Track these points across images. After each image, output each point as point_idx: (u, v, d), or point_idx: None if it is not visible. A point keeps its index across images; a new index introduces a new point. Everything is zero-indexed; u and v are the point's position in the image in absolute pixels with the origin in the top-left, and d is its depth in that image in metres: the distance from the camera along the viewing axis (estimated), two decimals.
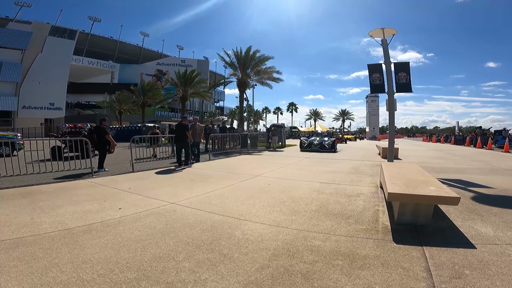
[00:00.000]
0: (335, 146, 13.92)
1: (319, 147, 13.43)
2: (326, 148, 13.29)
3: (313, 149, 13.37)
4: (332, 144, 13.52)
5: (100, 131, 7.31)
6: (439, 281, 1.90)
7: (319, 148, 13.33)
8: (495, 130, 20.40)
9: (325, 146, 13.40)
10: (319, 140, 13.90)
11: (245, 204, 3.90)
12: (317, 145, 13.56)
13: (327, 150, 13.13)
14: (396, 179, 3.50)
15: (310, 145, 13.70)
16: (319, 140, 13.89)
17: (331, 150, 13.18)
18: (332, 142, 13.58)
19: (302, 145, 14.23)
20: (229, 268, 2.08)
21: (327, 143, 13.55)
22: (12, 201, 4.04)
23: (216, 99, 68.90)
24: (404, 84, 7.24)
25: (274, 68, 22.55)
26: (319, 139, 14.15)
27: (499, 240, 2.59)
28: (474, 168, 7.80)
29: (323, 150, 13.18)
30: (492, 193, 4.57)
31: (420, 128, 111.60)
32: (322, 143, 13.51)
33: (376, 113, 50.34)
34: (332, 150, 13.26)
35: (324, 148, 13.30)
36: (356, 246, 2.50)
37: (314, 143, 13.78)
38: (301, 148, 14.06)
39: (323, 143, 13.53)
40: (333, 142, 13.61)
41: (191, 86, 29.28)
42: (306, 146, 13.88)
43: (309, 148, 13.58)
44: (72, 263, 2.14)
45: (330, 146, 13.38)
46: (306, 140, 14.59)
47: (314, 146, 13.58)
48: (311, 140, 14.18)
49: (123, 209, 3.65)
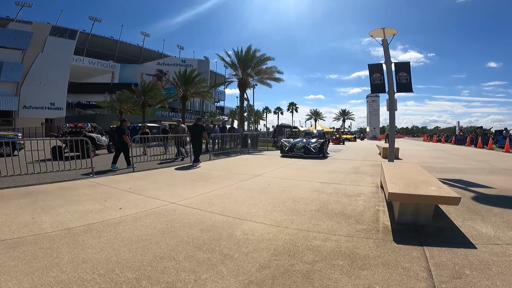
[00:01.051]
0: (324, 150, 11.25)
1: (302, 151, 10.82)
2: (312, 152, 10.69)
3: (296, 154, 10.87)
4: (320, 147, 10.82)
5: (120, 131, 7.76)
6: (440, 281, 1.90)
7: (303, 152, 10.78)
8: (496, 130, 20.36)
9: (311, 150, 10.74)
10: (303, 143, 11.17)
11: (245, 204, 3.90)
12: (301, 148, 10.91)
13: (313, 155, 10.61)
14: (396, 179, 3.50)
15: (292, 149, 11.04)
16: (304, 143, 11.15)
17: (318, 155, 10.64)
18: (320, 145, 10.85)
19: (282, 149, 11.46)
20: (229, 268, 2.08)
21: (313, 146, 10.82)
22: (13, 200, 4.04)
23: (217, 99, 68.89)
24: (404, 84, 7.24)
25: (275, 68, 22.50)
26: (304, 141, 11.38)
27: (500, 240, 2.58)
28: (474, 168, 7.79)
29: (308, 155, 10.66)
30: (492, 193, 4.56)
31: (421, 128, 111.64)
32: (307, 147, 10.85)
33: (377, 113, 50.31)
34: (319, 155, 10.68)
35: (309, 153, 10.71)
36: (356, 246, 2.50)
37: (297, 146, 11.07)
38: (281, 152, 11.40)
39: (307, 147, 10.85)
40: (321, 145, 10.92)
41: (192, 86, 29.26)
42: (287, 150, 11.17)
43: (291, 153, 11.01)
44: (72, 262, 2.15)
45: (317, 150, 10.72)
46: (287, 142, 11.62)
47: (297, 150, 10.94)
48: (293, 143, 11.36)
49: (123, 209, 3.65)
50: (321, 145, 10.90)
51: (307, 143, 11.09)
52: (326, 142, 11.65)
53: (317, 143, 10.99)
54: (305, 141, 11.32)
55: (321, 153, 10.76)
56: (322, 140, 11.43)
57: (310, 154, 10.65)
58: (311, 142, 11.17)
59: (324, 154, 11.03)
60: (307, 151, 10.74)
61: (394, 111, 7.31)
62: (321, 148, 10.84)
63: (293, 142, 11.51)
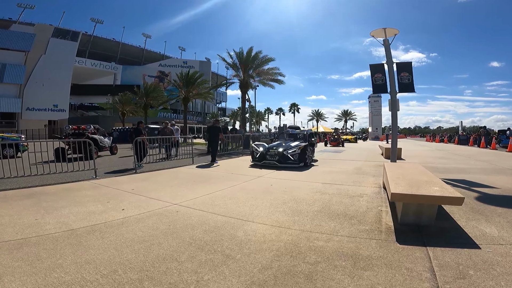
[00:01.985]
0: (308, 156, 8.46)
1: (277, 159, 8.05)
2: (290, 160, 7.98)
3: (270, 162, 8.14)
4: (301, 153, 8.11)
5: (137, 132, 8.47)
6: (443, 281, 1.89)
7: (277, 161, 8.03)
8: (499, 130, 20.24)
9: (288, 157, 8.02)
10: (279, 148, 8.33)
11: (247, 205, 3.90)
12: (275, 155, 8.13)
13: (291, 164, 7.93)
14: (399, 179, 3.48)
15: (264, 156, 8.30)
16: (279, 148, 8.32)
17: (298, 164, 7.97)
18: (301, 151, 8.15)
19: (253, 156, 8.79)
20: (231, 269, 2.08)
21: (292, 152, 8.07)
22: (17, 202, 4.07)
23: (218, 100, 69.02)
24: (406, 84, 7.22)
25: (276, 69, 22.56)
26: (284, 145, 8.53)
27: (504, 241, 2.57)
28: (478, 168, 7.74)
29: (284, 164, 7.95)
30: (496, 193, 4.54)
31: (423, 128, 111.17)
32: (283, 153, 8.07)
33: (379, 113, 50.02)
34: (299, 163, 7.99)
35: (285, 161, 7.99)
36: (359, 246, 2.49)
37: (270, 152, 8.27)
38: (252, 159, 8.75)
39: (284, 153, 8.07)
40: (303, 151, 8.19)
41: (193, 87, 29.35)
42: (258, 157, 8.46)
43: (262, 161, 8.27)
44: (75, 263, 2.16)
45: (296, 158, 8.02)
46: (260, 147, 8.81)
47: (270, 158, 8.18)
48: (266, 148, 8.59)
49: (126, 210, 3.67)
50: (303, 151, 8.17)
51: (285, 148, 8.29)
52: (309, 146, 8.76)
53: (296, 148, 8.21)
54: (284, 145, 8.56)
55: (302, 161, 8.07)
56: (304, 144, 8.52)
57: (286, 162, 7.96)
58: (290, 146, 8.39)
59: (307, 163, 8.27)
60: (283, 158, 8.01)
61: (396, 111, 7.29)
62: (302, 154, 8.13)
63: (266, 146, 8.76)
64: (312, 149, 9.23)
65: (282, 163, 7.99)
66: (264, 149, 8.60)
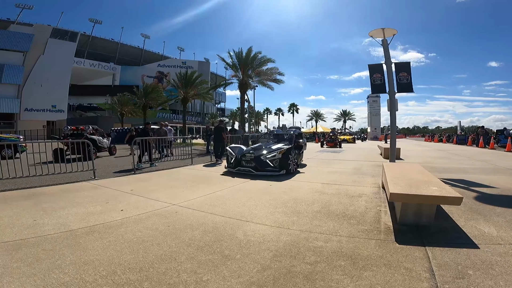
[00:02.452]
0: (292, 161, 6.97)
1: (253, 165, 6.71)
2: (269, 167, 6.61)
3: (245, 169, 6.78)
4: (282, 159, 6.72)
5: (145, 133, 8.93)
6: (442, 281, 1.89)
7: (254, 167, 6.67)
8: (497, 130, 20.31)
9: (266, 163, 6.66)
10: (257, 152, 6.94)
11: (246, 205, 3.90)
12: (250, 161, 6.78)
13: (270, 172, 6.52)
14: (398, 179, 3.49)
15: (240, 162, 6.94)
16: (258, 152, 6.95)
17: (279, 172, 6.54)
18: (282, 155, 6.76)
19: (228, 161, 7.48)
20: (231, 269, 2.08)
21: (271, 158, 6.70)
22: (15, 203, 4.06)
23: (217, 101, 68.98)
24: (405, 84, 7.24)
25: (275, 69, 22.55)
26: (262, 149, 7.17)
27: (503, 240, 2.57)
28: (476, 167, 7.76)
29: (262, 172, 6.56)
30: (495, 193, 4.55)
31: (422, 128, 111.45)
32: (260, 159, 6.71)
33: (378, 113, 50.12)
34: (279, 171, 6.57)
35: (262, 168, 6.60)
36: (358, 246, 2.49)
37: (246, 157, 6.91)
38: (227, 164, 7.38)
39: (261, 158, 6.70)
40: (285, 155, 6.80)
41: (192, 88, 29.35)
42: (233, 163, 7.10)
43: (238, 167, 6.90)
44: (74, 264, 2.15)
45: (276, 164, 6.64)
46: (234, 151, 7.39)
47: (246, 164, 6.83)
48: (242, 152, 7.17)
49: (125, 210, 3.66)
50: (285, 155, 6.76)
51: (263, 152, 6.92)
52: (295, 149, 7.36)
53: (276, 152, 6.79)
54: (261, 149, 7.14)
55: (283, 167, 6.62)
56: (287, 147, 7.12)
57: (265, 170, 6.56)
58: (270, 150, 6.99)
59: (290, 169, 6.76)
60: (260, 165, 6.61)
61: (395, 111, 7.31)
62: (284, 159, 6.69)
63: (243, 150, 7.31)
64: (298, 152, 7.77)
65: (259, 171, 6.55)
66: (240, 153, 7.13)
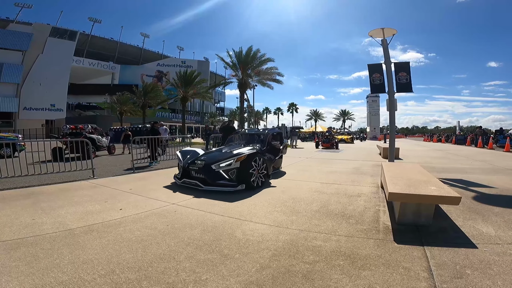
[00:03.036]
0: (253, 172, 5.02)
1: (202, 174, 5.00)
2: (224, 179, 4.85)
3: (191, 181, 5.07)
4: (240, 168, 4.94)
5: (154, 131, 9.23)
6: (440, 280, 1.90)
7: (202, 179, 4.96)
8: (496, 130, 20.37)
9: (219, 174, 4.88)
10: (209, 160, 5.19)
11: (245, 205, 3.90)
12: (199, 171, 5.09)
13: (224, 187, 4.76)
14: (397, 179, 3.50)
15: (188, 173, 5.22)
16: (210, 159, 5.20)
17: (235, 187, 4.74)
18: (241, 164, 4.95)
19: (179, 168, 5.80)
20: (229, 269, 2.08)
21: (226, 167, 4.90)
22: (14, 202, 4.05)
23: (217, 100, 68.98)
24: (404, 84, 7.24)
25: (275, 69, 22.59)
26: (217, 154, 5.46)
27: (501, 240, 2.58)
28: (475, 167, 7.78)
29: (214, 185, 4.79)
30: (493, 193, 4.56)
31: (421, 128, 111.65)
32: (211, 168, 4.94)
33: (377, 113, 50.20)
34: (236, 186, 4.75)
35: (214, 180, 4.84)
36: (357, 246, 2.49)
37: (195, 166, 5.19)
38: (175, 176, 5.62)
39: (212, 168, 4.93)
40: (244, 164, 4.97)
41: (192, 87, 29.33)
42: (180, 172, 5.49)
43: (184, 179, 5.22)
44: (73, 263, 2.15)
45: (233, 176, 4.91)
46: (184, 156, 5.72)
47: (195, 174, 5.13)
48: (190, 159, 5.42)
49: (124, 209, 3.66)
50: (244, 164, 4.94)
51: (216, 159, 5.10)
52: (264, 156, 5.55)
53: (233, 159, 4.94)
54: (215, 155, 5.38)
55: (242, 181, 4.84)
56: (249, 152, 5.22)
57: (216, 183, 4.78)
58: (226, 156, 5.12)
59: (252, 184, 4.91)
60: (211, 176, 4.85)
61: (394, 111, 7.31)
62: (244, 170, 4.90)
63: (196, 156, 5.50)
64: (273, 158, 6.19)
65: (209, 185, 4.75)
66: (189, 160, 5.33)
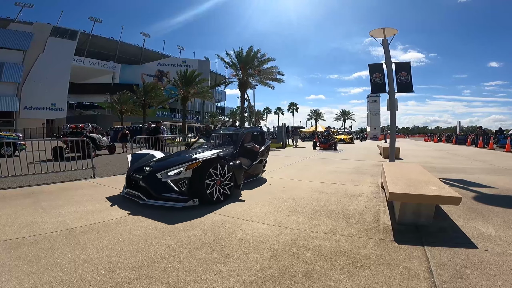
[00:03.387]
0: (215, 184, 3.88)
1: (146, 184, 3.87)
2: (173, 192, 3.70)
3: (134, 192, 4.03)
4: (193, 180, 3.74)
5: (156, 131, 9.42)
6: (440, 280, 1.90)
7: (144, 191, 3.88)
8: (497, 130, 20.36)
9: (167, 185, 3.70)
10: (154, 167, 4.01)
11: (245, 204, 3.90)
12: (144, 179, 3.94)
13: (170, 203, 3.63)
14: (397, 179, 3.49)
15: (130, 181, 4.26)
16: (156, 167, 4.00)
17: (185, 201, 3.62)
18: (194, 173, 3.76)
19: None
20: (230, 268, 2.08)
21: (174, 177, 3.70)
22: (14, 201, 4.05)
23: (217, 100, 68.99)
24: (405, 84, 7.23)
25: (275, 68, 22.57)
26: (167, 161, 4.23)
27: (501, 240, 2.58)
28: (475, 167, 7.77)
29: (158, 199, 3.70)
30: (494, 193, 4.55)
31: (421, 128, 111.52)
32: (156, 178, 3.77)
33: (377, 113, 50.12)
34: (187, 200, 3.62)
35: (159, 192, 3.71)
36: (357, 246, 2.49)
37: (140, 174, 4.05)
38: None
39: (157, 177, 3.76)
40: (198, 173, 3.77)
41: (192, 87, 29.34)
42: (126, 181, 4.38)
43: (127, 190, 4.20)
44: (73, 263, 2.15)
45: (185, 188, 3.73)
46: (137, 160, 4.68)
47: (140, 184, 4.02)
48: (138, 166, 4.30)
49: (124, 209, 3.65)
50: (198, 173, 3.80)
51: (164, 165, 4.00)
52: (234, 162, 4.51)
53: (184, 166, 3.78)
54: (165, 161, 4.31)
55: (196, 194, 3.74)
56: (204, 157, 4.02)
57: (161, 197, 3.73)
58: (185, 160, 3.99)
59: (206, 198, 3.76)
60: (156, 188, 3.79)
61: (395, 111, 7.30)
62: (197, 180, 3.77)
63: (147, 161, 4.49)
64: (250, 164, 5.20)
65: (152, 198, 3.76)
66: (137, 166, 4.34)
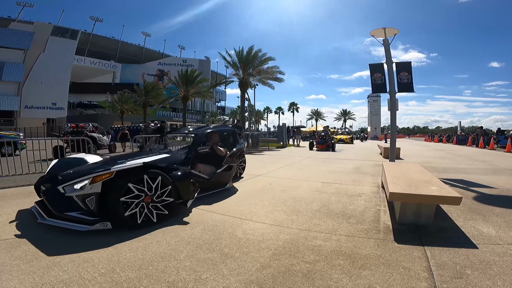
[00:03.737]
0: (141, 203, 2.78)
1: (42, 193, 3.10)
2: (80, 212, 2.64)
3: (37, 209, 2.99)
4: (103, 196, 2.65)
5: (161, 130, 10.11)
6: (441, 280, 1.89)
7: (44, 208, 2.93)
8: (497, 130, 20.35)
9: (70, 201, 2.63)
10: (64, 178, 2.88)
11: (246, 204, 3.90)
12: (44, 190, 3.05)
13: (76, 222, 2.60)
14: (397, 179, 3.49)
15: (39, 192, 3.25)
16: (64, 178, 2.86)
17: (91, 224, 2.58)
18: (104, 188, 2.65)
19: None
20: (230, 268, 2.09)
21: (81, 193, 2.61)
22: (15, 200, 4.05)
23: (218, 99, 68.98)
24: (406, 84, 7.22)
25: (276, 68, 22.56)
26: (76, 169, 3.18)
27: (501, 240, 2.58)
28: (476, 168, 7.76)
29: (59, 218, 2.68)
30: (494, 193, 4.55)
31: (422, 128, 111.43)
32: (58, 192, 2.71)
33: (378, 113, 50.05)
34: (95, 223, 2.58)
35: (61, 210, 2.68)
36: (357, 245, 2.49)
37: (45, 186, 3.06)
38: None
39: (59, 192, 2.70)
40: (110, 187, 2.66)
41: (193, 86, 29.33)
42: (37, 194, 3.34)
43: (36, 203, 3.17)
44: (73, 262, 2.15)
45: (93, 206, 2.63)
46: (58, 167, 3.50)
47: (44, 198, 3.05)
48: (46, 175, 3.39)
49: None
50: (110, 186, 2.69)
51: (71, 175, 2.95)
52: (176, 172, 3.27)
53: (89, 178, 2.66)
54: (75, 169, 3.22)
55: (110, 215, 2.67)
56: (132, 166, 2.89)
57: (63, 216, 2.68)
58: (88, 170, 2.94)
59: (131, 218, 2.72)
60: (57, 204, 2.77)
61: (395, 111, 7.29)
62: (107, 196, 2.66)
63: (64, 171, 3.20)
64: (214, 172, 4.34)
65: (52, 217, 2.78)
66: (51, 174, 3.37)
